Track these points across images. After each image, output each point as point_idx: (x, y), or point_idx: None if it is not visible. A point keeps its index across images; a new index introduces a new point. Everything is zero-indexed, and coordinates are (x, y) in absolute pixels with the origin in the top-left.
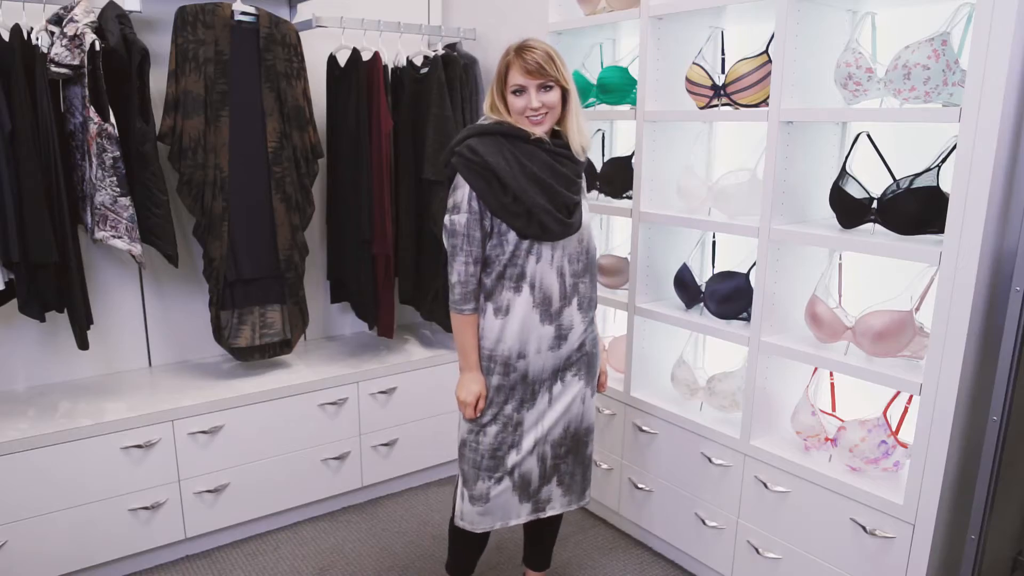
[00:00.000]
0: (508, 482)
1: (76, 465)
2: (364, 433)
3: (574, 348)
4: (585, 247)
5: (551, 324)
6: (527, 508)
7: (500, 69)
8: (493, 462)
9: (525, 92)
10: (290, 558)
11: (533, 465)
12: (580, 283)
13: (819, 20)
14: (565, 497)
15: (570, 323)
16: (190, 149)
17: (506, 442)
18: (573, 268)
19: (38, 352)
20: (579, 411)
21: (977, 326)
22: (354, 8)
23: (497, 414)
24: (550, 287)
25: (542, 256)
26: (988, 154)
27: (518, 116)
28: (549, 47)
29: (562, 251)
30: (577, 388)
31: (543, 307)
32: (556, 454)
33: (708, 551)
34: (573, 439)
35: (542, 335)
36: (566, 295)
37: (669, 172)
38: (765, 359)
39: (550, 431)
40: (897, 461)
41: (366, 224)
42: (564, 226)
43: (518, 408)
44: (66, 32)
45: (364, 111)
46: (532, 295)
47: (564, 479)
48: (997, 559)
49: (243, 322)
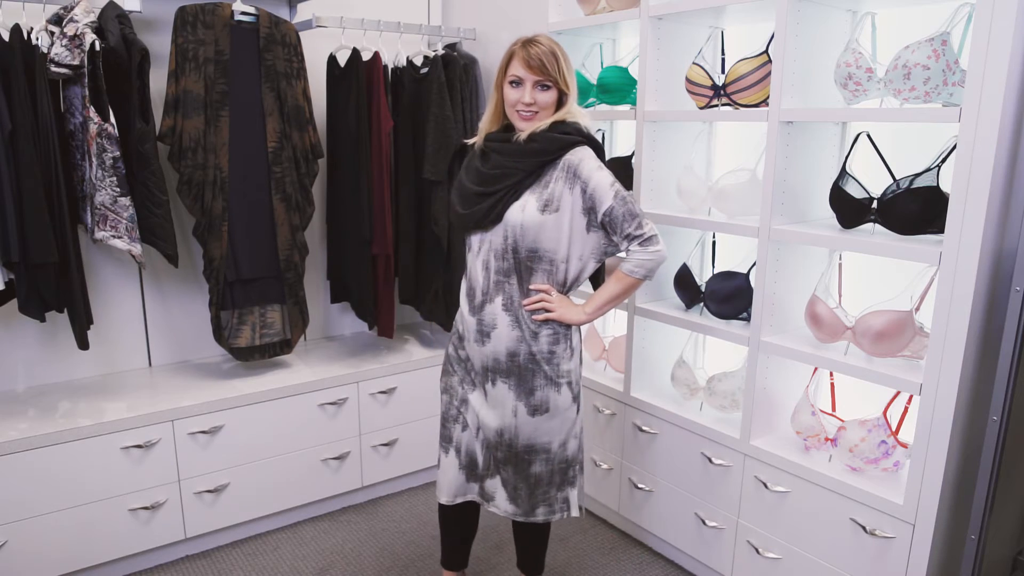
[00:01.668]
0: (455, 456)
1: (76, 465)
2: (364, 433)
3: (500, 354)
4: (511, 245)
5: (474, 316)
6: (475, 488)
7: (504, 58)
8: (444, 430)
9: (522, 85)
10: (290, 558)
11: (477, 448)
12: (507, 284)
13: (819, 20)
14: (511, 504)
15: (492, 322)
16: (190, 149)
17: (451, 414)
18: (499, 264)
19: (38, 352)
20: (512, 424)
21: (977, 326)
22: (354, 8)
23: (446, 384)
24: (475, 278)
25: (472, 245)
26: (988, 154)
27: (510, 108)
28: (557, 46)
29: (488, 245)
30: (510, 400)
31: (470, 297)
32: (494, 454)
33: (708, 551)
34: (509, 449)
35: (467, 324)
36: (488, 291)
37: (669, 172)
38: (765, 359)
39: (487, 427)
40: (897, 461)
41: (366, 224)
42: (458, 215)
43: (461, 383)
44: (66, 32)
45: (364, 111)
46: (465, 282)
47: (508, 484)
48: (997, 559)
49: (243, 322)
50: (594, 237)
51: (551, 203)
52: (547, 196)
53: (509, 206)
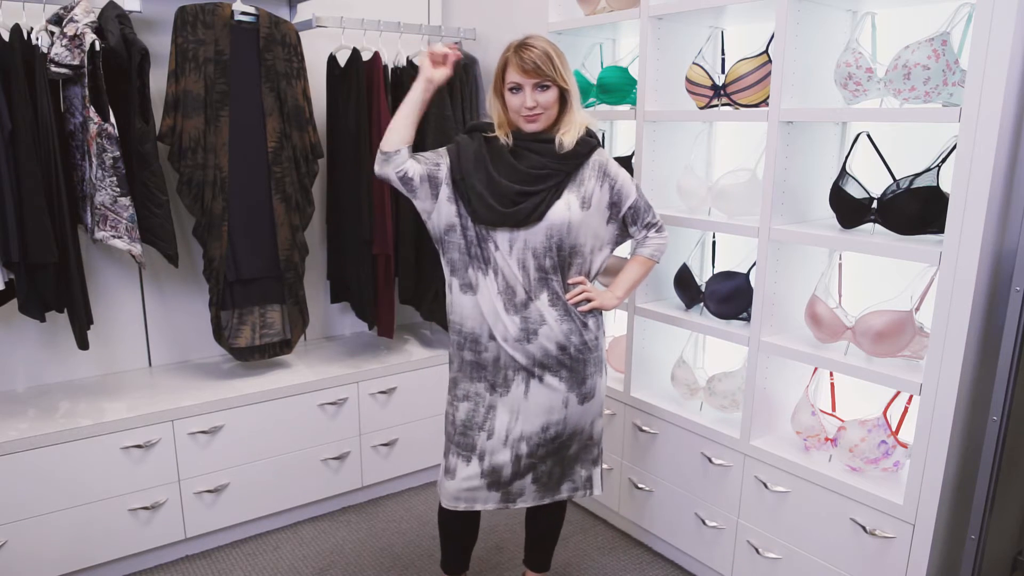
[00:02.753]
0: (477, 467)
1: (76, 465)
2: (364, 433)
3: (551, 349)
4: (556, 243)
5: (516, 315)
6: (495, 497)
7: (499, 66)
8: (464, 439)
9: (521, 90)
10: (290, 558)
11: (506, 459)
12: (551, 280)
13: (819, 20)
14: (538, 493)
15: (539, 319)
16: (190, 149)
17: (475, 421)
18: (540, 263)
19: (38, 352)
20: (561, 416)
21: (977, 326)
22: (354, 8)
23: (469, 391)
24: (512, 277)
25: (500, 244)
26: (988, 154)
27: (514, 114)
28: (550, 45)
29: (523, 243)
30: (560, 393)
31: (507, 295)
32: (533, 454)
33: (708, 551)
34: (554, 442)
35: (508, 324)
36: (530, 289)
37: (669, 172)
38: (765, 359)
39: (527, 429)
40: (897, 461)
41: (366, 224)
42: (497, 214)
43: (490, 389)
44: (66, 32)
45: (364, 111)
46: (496, 282)
47: (541, 478)
48: (997, 559)
49: (243, 322)
50: (611, 228)
51: (587, 200)
52: (584, 194)
53: (552, 205)
